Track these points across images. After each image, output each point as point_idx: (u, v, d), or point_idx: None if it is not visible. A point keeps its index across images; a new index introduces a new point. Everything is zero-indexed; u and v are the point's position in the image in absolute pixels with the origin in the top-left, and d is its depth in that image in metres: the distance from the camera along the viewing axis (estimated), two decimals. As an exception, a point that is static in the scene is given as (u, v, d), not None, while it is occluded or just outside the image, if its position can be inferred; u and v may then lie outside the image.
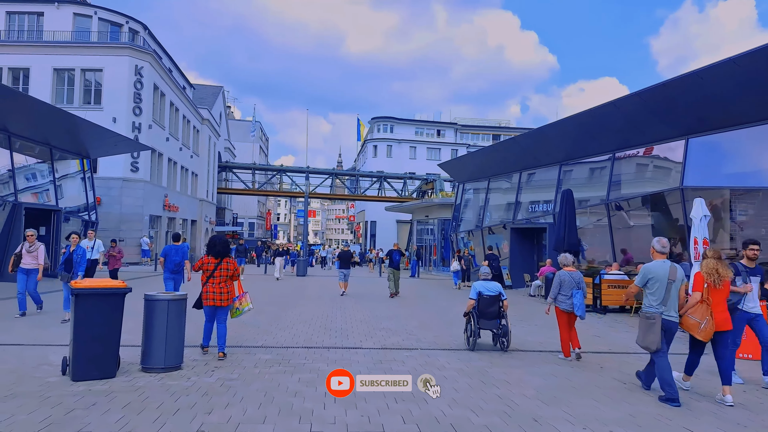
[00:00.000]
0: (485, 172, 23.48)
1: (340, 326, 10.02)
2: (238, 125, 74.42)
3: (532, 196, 20.71)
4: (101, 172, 27.53)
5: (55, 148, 19.76)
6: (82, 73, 27.94)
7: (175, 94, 34.39)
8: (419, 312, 12.68)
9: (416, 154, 66.11)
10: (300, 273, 25.75)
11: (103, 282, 5.79)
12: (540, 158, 19.54)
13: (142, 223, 28.43)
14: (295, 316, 11.22)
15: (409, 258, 44.06)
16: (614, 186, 16.29)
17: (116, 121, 27.16)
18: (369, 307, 13.34)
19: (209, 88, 54.58)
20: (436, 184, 48.79)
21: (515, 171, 21.40)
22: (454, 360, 7.29)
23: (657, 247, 5.84)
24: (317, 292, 17.29)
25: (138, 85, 27.93)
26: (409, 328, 10.09)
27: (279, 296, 15.37)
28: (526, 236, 21.02)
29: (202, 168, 42.84)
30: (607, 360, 7.66)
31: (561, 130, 17.50)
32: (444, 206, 31.72)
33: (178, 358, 6.20)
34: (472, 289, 8.03)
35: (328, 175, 53.39)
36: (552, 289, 7.74)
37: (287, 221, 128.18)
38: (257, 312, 11.35)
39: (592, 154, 17.29)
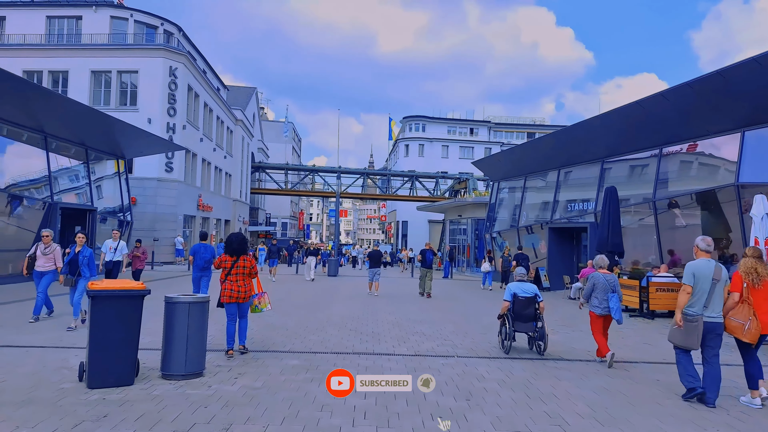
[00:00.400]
0: (521, 170, 22.69)
1: (372, 329, 9.57)
2: (271, 126, 75.06)
3: (572, 195, 19.84)
4: (136, 172, 27.83)
5: (90, 149, 19.97)
6: (119, 75, 28.33)
7: (209, 95, 34.65)
8: (454, 315, 12.13)
9: (448, 153, 65.33)
10: (331, 273, 25.46)
11: (120, 283, 5.46)
12: (580, 154, 18.68)
13: (176, 223, 28.65)
14: (326, 318, 10.83)
15: (442, 258, 43.55)
16: (661, 183, 15.36)
17: (151, 122, 27.42)
18: (401, 309, 12.86)
19: (243, 89, 55.05)
20: (469, 183, 47.93)
21: (553, 168, 20.56)
22: (494, 369, 6.74)
23: (702, 246, 5.65)
24: (348, 292, 16.91)
25: (172, 86, 28.16)
26: (444, 332, 9.56)
27: (309, 297, 15.04)
28: (564, 236, 20.17)
29: (235, 168, 43.14)
30: (663, 371, 6.97)
31: (603, 124, 16.61)
32: (478, 205, 30.98)
33: (199, 364, 5.84)
34: (507, 291, 7.78)
35: (360, 174, 53.13)
36: (585, 289, 7.54)
37: (320, 221, 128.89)
38: (286, 314, 11.06)
39: (637, 149, 16.36)
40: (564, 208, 19.95)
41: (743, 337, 5.37)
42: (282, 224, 78.46)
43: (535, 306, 7.63)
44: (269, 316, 10.56)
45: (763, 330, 5.33)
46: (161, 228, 27.95)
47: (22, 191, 16.59)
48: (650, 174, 15.93)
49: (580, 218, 18.85)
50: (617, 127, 16.24)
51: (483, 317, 11.72)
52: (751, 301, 5.42)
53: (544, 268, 19.99)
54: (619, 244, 14.21)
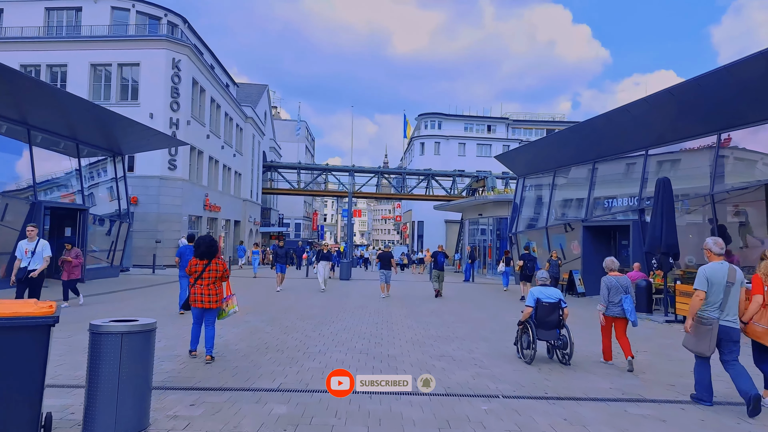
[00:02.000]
0: (550, 164, 20.71)
1: (386, 351, 7.77)
2: (284, 125, 73.71)
3: (609, 190, 17.83)
4: (138, 171, 26.42)
5: (81, 143, 18.47)
6: (119, 68, 26.92)
7: (216, 90, 33.16)
8: (484, 330, 10.27)
9: (465, 150, 63.47)
10: (343, 277, 23.73)
11: (11, 307, 3.69)
12: (620, 144, 16.68)
13: (180, 224, 27.15)
14: (331, 335, 9.05)
15: (460, 260, 41.58)
16: (719, 175, 13.35)
17: (153, 117, 25.95)
18: (420, 321, 11.03)
19: (254, 86, 53.67)
20: (488, 181, 46.02)
21: (587, 161, 18.56)
22: (557, 419, 4.89)
23: (714, 249, 5.49)
24: (360, 300, 15.12)
25: (175, 80, 26.67)
26: (476, 354, 7.72)
27: (316, 307, 13.26)
28: (601, 235, 18.17)
29: (245, 167, 41.67)
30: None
31: (649, 107, 14.60)
32: (499, 203, 29.01)
33: (139, 421, 4.10)
34: (529, 296, 7.39)
35: (374, 173, 51.36)
36: (601, 294, 7.27)
37: (334, 222, 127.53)
38: (287, 329, 9.31)
39: (689, 136, 14.33)
40: (601, 205, 17.95)
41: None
42: (295, 225, 77.05)
43: (560, 312, 7.19)
44: (265, 333, 8.86)
45: None
46: (165, 229, 26.47)
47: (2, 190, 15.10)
48: (705, 164, 13.94)
49: (620, 216, 16.84)
50: (666, 111, 14.23)
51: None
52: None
53: (578, 271, 18.01)
54: (674, 245, 12.26)
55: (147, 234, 26.08)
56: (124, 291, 15.72)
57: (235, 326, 9.57)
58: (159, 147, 23.19)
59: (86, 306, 11.69)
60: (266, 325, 9.88)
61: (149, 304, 12.52)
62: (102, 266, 20.38)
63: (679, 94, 13.40)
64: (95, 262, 20.07)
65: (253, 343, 8.03)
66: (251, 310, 11.89)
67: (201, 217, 30.65)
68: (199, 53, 30.99)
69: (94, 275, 19.15)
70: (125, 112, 19.93)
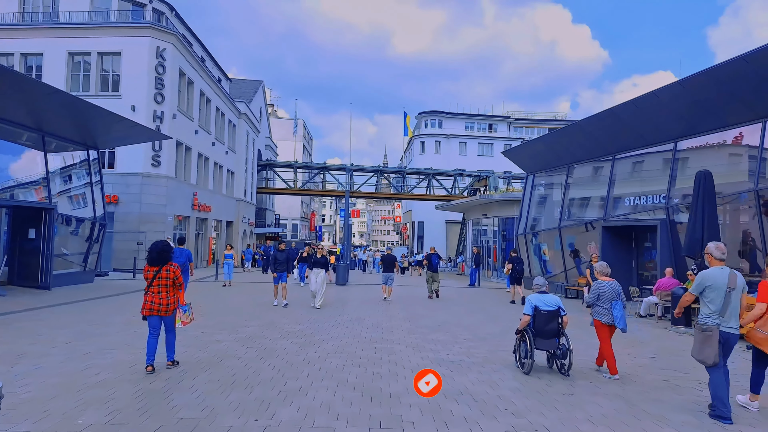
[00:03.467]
0: (564, 159, 18.98)
1: (387, 386, 6.04)
2: (282, 124, 72.07)
3: (632, 187, 16.11)
4: (119, 167, 24.71)
5: (48, 135, 16.73)
6: (99, 57, 25.15)
7: (206, 83, 31.40)
8: (504, 349, 8.53)
9: (466, 149, 62.21)
10: (340, 281, 21.99)
11: None
12: (644, 135, 14.96)
13: (165, 224, 25.38)
14: (319, 360, 7.32)
15: (463, 262, 39.88)
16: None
17: (135, 109, 24.25)
18: (427, 339, 9.30)
19: (248, 82, 51.80)
20: (490, 180, 44.54)
21: (607, 155, 16.86)
22: None
23: (716, 254, 5.36)
24: (357, 310, 13.38)
25: (160, 69, 24.92)
26: (504, 391, 5.99)
27: (304, 319, 11.52)
28: (622, 237, 16.47)
29: (239, 166, 39.90)
30: None
31: (682, 92, 12.90)
32: (505, 203, 27.31)
33: None
34: (527, 304, 7.10)
35: (373, 173, 49.58)
36: (590, 297, 7.17)
37: (333, 223, 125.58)
38: (264, 354, 7.55)
39: (729, 125, 12.62)
40: (621, 203, 16.23)
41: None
42: (292, 226, 75.33)
43: (558, 321, 6.95)
44: (236, 360, 7.14)
45: None
46: (148, 230, 24.68)
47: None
48: (748, 157, 12.24)
49: (645, 215, 15.13)
50: (702, 96, 12.51)
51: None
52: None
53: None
54: (718, 247, 10.55)
55: (128, 235, 24.34)
56: (92, 300, 13.97)
57: (202, 349, 7.84)
58: (139, 141, 21.40)
59: (25, 320, 9.96)
60: (240, 346, 8.16)
61: (111, 317, 10.78)
62: (74, 271, 18.64)
63: (719, 75, 11.70)
64: (66, 267, 18.34)
65: (217, 376, 6.31)
66: (226, 325, 10.16)
67: (189, 218, 28.86)
68: (188, 44, 29.23)
69: (65, 281, 17.45)
70: (106, 105, 18.20)
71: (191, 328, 9.22)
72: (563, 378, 6.76)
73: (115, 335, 8.76)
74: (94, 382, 5.88)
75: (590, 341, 8.80)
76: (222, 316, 11.33)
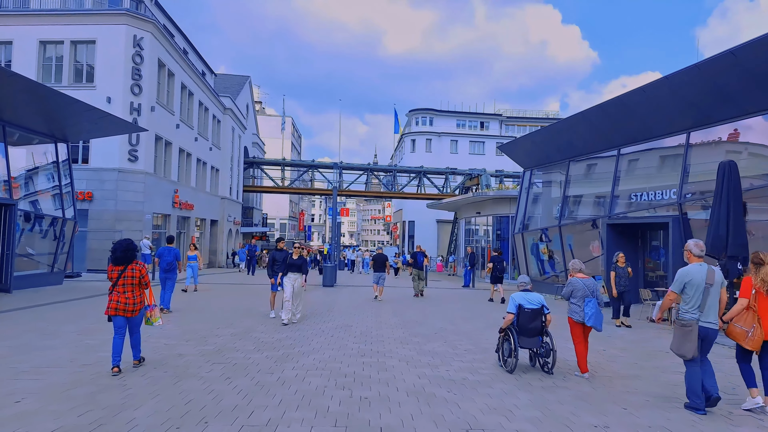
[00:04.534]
0: (564, 153, 17.94)
1: (378, 417, 4.89)
2: (269, 121, 70.60)
3: (639, 182, 15.09)
4: (93, 162, 23.36)
5: (9, 126, 15.39)
6: (72, 46, 23.75)
7: (188, 76, 30.03)
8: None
9: (458, 148, 61.42)
10: (327, 283, 20.83)
11: None
12: (654, 126, 13.94)
13: (142, 223, 24.04)
14: (296, 380, 6.15)
15: (455, 262, 38.81)
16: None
17: (111, 101, 22.90)
18: (422, 351, 8.16)
19: (234, 77, 50.35)
20: (482, 179, 43.67)
21: (611, 148, 15.83)
22: None
23: (695, 251, 5.53)
24: (344, 315, 12.22)
25: (137, 59, 23.56)
26: (521, 423, 4.88)
27: (283, 329, 10.31)
28: (628, 235, 15.44)
29: (224, 163, 38.52)
30: None
31: (698, 76, 11.87)
32: (500, 200, 26.28)
33: None
34: (511, 302, 7.00)
35: (363, 171, 48.37)
36: (564, 293, 7.06)
37: (322, 222, 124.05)
38: (228, 373, 6.32)
39: (747, 113, 11.61)
40: (627, 199, 15.21)
41: (746, 344, 5.30)
42: (280, 225, 73.90)
43: (542, 319, 6.90)
44: (195, 380, 5.94)
45: (766, 336, 5.24)
46: (124, 229, 23.31)
47: None
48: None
49: (654, 212, 14.11)
50: (722, 81, 11.49)
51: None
52: (756, 308, 5.31)
53: (601, 277, 15.24)
54: (743, 245, 9.58)
55: (103, 234, 22.96)
56: (53, 304, 12.66)
57: (159, 365, 6.65)
58: (113, 133, 20.03)
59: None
60: (205, 361, 6.97)
61: (66, 324, 9.53)
62: (40, 273, 17.31)
63: (740, 57, 10.67)
64: (32, 268, 17.02)
65: (167, 403, 5.12)
66: (194, 334, 8.95)
67: (169, 216, 27.50)
68: (169, 35, 27.86)
69: (29, 283, 16.14)
70: (80, 97, 16.90)
71: (153, 337, 8.04)
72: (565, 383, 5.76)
73: (62, 348, 7.54)
74: (10, 414, 4.68)
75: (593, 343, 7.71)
76: (192, 323, 10.12)
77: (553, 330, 7.22)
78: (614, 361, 7.75)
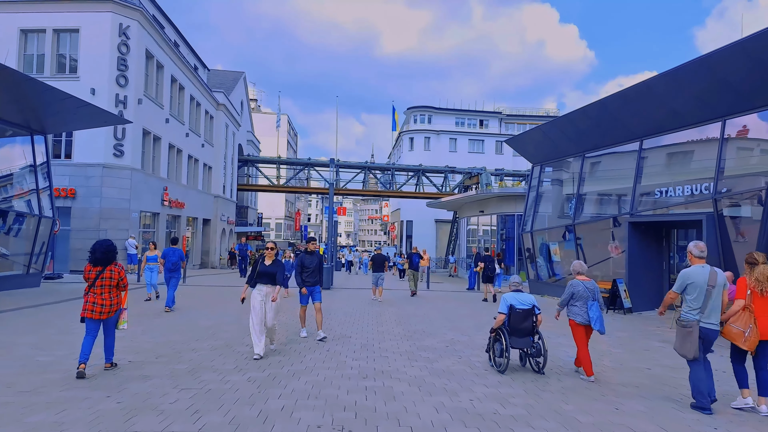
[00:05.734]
0: (580, 145, 16.70)
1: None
2: (265, 119, 69.21)
3: (666, 175, 13.86)
4: (77, 157, 22.03)
5: (-24, 114, 14.11)
6: (55, 35, 22.42)
7: (178, 69, 28.71)
8: (544, 387, 6.18)
9: (457, 146, 60.38)
10: (323, 285, 19.51)
11: None
12: (685, 113, 12.68)
13: (128, 221, 22.71)
14: (280, 417, 4.84)
15: (455, 263, 37.55)
16: None
17: (95, 93, 21.58)
18: (436, 372, 6.90)
19: (228, 73, 49.05)
20: (482, 177, 42.64)
21: (632, 139, 14.60)
22: None
23: (695, 252, 5.56)
24: (342, 324, 10.95)
25: (123, 49, 22.25)
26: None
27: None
28: (651, 235, 14.23)
29: (217, 160, 37.21)
30: None
31: (740, 55, 10.63)
32: (506, 198, 25.06)
33: None
34: (502, 302, 6.95)
35: (360, 169, 47.07)
36: (562, 297, 6.99)
37: (319, 222, 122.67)
38: (200, 405, 4.87)
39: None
40: (651, 196, 13.97)
41: (742, 345, 5.32)
42: (276, 225, 72.56)
43: (533, 319, 6.85)
44: (155, 415, 4.62)
45: (762, 336, 5.26)
46: (109, 227, 22.03)
47: None
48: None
49: (683, 208, 12.88)
50: (763, 56, 10.24)
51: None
52: (752, 309, 5.33)
53: (623, 280, 14.02)
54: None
55: (87, 233, 21.57)
56: (20, 310, 11.36)
57: (113, 391, 5.36)
58: (94, 125, 18.71)
59: None
60: (172, 387, 5.66)
61: (23, 336, 8.23)
62: (14, 274, 16.00)
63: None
64: (4, 269, 15.73)
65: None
66: (166, 349, 7.66)
67: (158, 214, 26.17)
68: (159, 26, 26.55)
69: (1, 286, 14.82)
70: (62, 88, 15.53)
71: (119, 352, 6.77)
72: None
73: (3, 368, 6.25)
74: None
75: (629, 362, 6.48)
76: (167, 335, 8.84)
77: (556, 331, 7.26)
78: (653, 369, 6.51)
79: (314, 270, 9.19)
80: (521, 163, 58.18)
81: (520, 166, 56.53)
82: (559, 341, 9.01)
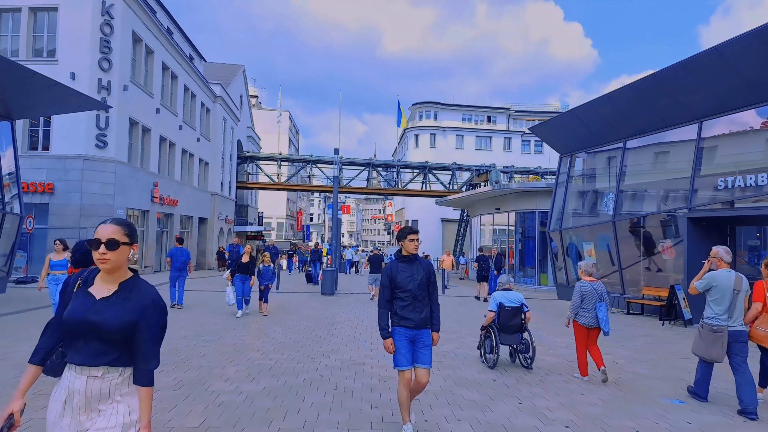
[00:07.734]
0: (620, 132, 14.59)
1: None
2: (265, 115, 67.19)
3: (732, 164, 11.77)
4: (55, 149, 20.03)
5: None
6: (32, 14, 20.44)
7: (170, 56, 26.70)
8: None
9: (463, 143, 58.50)
10: (326, 290, 17.49)
11: None
12: (751, 90, 10.61)
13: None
14: None
15: (465, 264, 35.46)
16: None
17: (75, 77, 19.61)
18: (484, 424, 4.87)
19: (227, 66, 46.95)
20: (491, 175, 40.69)
21: (687, 122, 12.51)
22: None
23: (725, 257, 5.57)
24: (351, 344, 8.86)
25: (106, 29, 20.23)
26: None
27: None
28: (714, 232, 12.13)
29: (214, 155, 35.20)
30: None
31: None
32: (525, 194, 22.98)
33: None
34: (492, 301, 7.22)
35: (364, 166, 45.00)
36: (573, 302, 6.82)
37: (321, 222, 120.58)
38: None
39: None
40: (712, 189, 11.88)
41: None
42: (277, 224, 70.53)
43: (521, 317, 7.10)
44: None
45: None
46: (90, 226, 19.94)
47: None
48: None
49: (753, 201, 10.80)
50: None
51: None
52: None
53: (681, 286, 11.92)
54: None
55: (66, 232, 19.49)
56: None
57: None
58: (68, 110, 16.67)
59: None
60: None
61: None
62: (-27, 278, 14.01)
63: None
64: (-39, 273, 13.73)
65: None
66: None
67: (147, 212, 24.14)
68: (150, 10, 24.51)
69: (-46, 292, 12.83)
70: (40, 71, 13.52)
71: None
72: None
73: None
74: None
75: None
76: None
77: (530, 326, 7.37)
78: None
79: (420, 296, 4.41)
80: (531, 160, 56.23)
81: (529, 163, 54.56)
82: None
